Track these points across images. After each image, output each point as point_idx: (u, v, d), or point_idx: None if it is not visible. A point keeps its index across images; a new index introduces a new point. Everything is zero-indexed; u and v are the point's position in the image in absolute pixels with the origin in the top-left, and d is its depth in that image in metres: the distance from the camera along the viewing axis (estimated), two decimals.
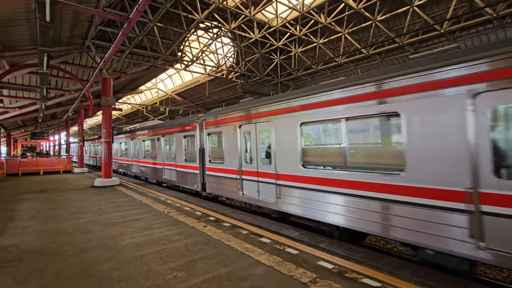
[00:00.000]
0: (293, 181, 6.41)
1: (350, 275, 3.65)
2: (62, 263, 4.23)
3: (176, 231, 5.70)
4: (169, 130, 12.77)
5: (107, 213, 7.52)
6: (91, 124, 53.11)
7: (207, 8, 13.02)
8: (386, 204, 4.64)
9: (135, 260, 4.23)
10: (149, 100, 33.53)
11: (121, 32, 9.25)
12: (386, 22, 14.48)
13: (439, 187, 3.99)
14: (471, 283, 3.77)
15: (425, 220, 4.13)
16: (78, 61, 15.50)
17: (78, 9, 8.04)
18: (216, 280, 3.56)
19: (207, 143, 9.87)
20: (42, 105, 17.92)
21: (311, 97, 5.99)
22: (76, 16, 10.41)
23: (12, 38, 10.59)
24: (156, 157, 14.04)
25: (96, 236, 5.49)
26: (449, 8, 12.00)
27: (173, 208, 8.02)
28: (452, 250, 3.85)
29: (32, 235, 5.71)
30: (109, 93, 13.72)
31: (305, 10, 14.14)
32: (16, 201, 9.69)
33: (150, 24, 11.24)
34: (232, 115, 8.53)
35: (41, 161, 21.43)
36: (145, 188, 12.28)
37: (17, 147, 41.15)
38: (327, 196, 5.65)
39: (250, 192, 7.80)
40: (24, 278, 3.77)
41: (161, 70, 20.60)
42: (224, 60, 19.67)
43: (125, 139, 19.29)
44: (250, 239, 5.13)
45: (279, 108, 6.80)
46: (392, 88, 4.61)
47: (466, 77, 3.77)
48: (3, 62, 12.07)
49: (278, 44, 17.67)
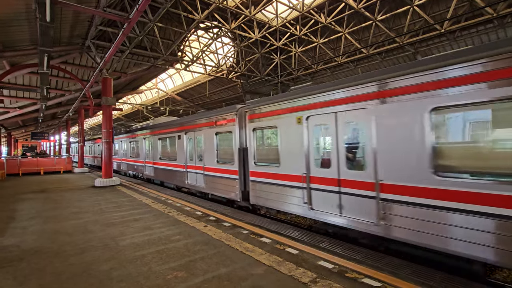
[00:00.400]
0: (418, 196, 4.31)
1: (351, 275, 3.65)
2: (62, 263, 4.23)
3: (176, 231, 5.70)
4: (194, 125, 10.77)
5: (107, 213, 7.52)
6: (92, 124, 53.16)
7: (207, 8, 13.01)
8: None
9: (135, 260, 4.23)
10: (149, 100, 33.55)
11: (121, 32, 9.25)
12: (386, 22, 14.47)
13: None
14: (471, 283, 3.76)
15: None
16: (78, 61, 15.51)
17: (78, 9, 8.05)
18: (216, 280, 3.56)
19: (252, 140, 7.93)
20: (42, 105, 17.94)
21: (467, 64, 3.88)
22: (76, 16, 10.42)
23: (12, 38, 10.60)
24: (177, 159, 12.15)
25: (96, 236, 5.49)
26: (449, 8, 11.98)
27: (174, 208, 8.01)
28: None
29: (32, 235, 5.71)
30: (109, 93, 13.72)
31: (305, 10, 14.13)
32: (16, 201, 9.70)
33: (150, 24, 11.24)
34: (294, 103, 6.53)
35: (41, 161, 21.45)
36: (145, 188, 12.28)
37: (18, 147, 41.18)
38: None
39: (325, 207, 5.82)
40: (24, 278, 3.77)
41: (161, 70, 20.60)
42: (224, 60, 19.67)
43: (136, 138, 17.15)
44: (250, 239, 5.13)
45: (393, 87, 4.64)
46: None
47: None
48: (4, 62, 12.08)
49: (278, 44, 17.66)
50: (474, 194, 3.73)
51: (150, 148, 15.24)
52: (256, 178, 7.74)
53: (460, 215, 3.85)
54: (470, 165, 4.01)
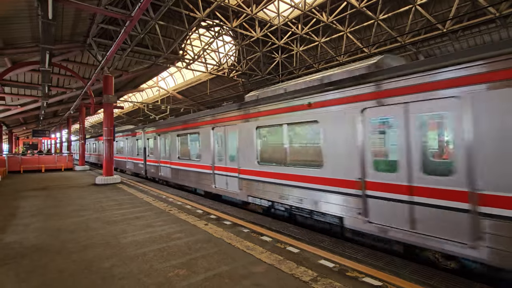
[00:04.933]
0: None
1: (351, 274, 3.66)
2: (64, 260, 4.25)
3: (177, 229, 5.72)
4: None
5: (108, 210, 7.54)
6: (92, 122, 53.24)
7: (209, 6, 13.00)
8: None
9: (137, 258, 4.25)
10: (150, 98, 33.56)
11: (123, 30, 9.24)
12: (388, 21, 14.43)
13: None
14: (471, 283, 3.76)
15: None
16: (79, 59, 15.52)
17: (80, 7, 8.03)
18: (218, 278, 3.57)
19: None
20: (43, 103, 17.98)
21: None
22: (78, 13, 10.41)
23: (14, 35, 10.60)
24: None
25: (97, 234, 5.51)
26: (451, 7, 11.94)
27: (174, 206, 8.03)
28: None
29: (34, 232, 5.74)
30: (110, 91, 13.73)
31: (307, 9, 14.09)
32: (18, 198, 9.73)
33: (151, 22, 11.23)
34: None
35: (42, 158, 21.51)
36: (146, 186, 12.31)
37: (19, 144, 41.30)
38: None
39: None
40: (27, 275, 3.79)
41: (163, 68, 20.59)
42: (226, 58, 19.65)
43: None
44: (251, 238, 5.14)
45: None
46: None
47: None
48: (5, 59, 12.09)
49: (280, 43, 17.63)
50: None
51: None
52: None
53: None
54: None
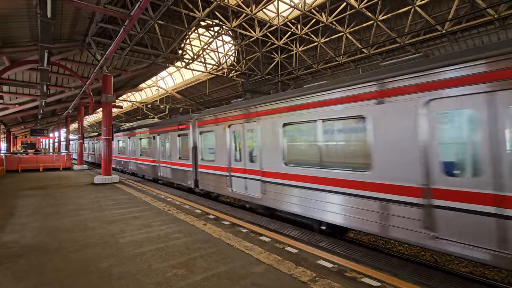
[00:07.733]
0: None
1: (350, 274, 3.65)
2: (62, 259, 4.23)
3: (176, 229, 5.70)
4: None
5: (107, 210, 7.52)
6: (91, 122, 53.09)
7: (209, 6, 12.99)
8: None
9: (135, 257, 4.24)
10: (149, 98, 33.50)
11: (122, 29, 9.22)
12: (387, 22, 14.46)
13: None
14: (471, 283, 3.77)
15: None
16: (78, 58, 15.46)
17: (79, 5, 8.01)
18: (216, 278, 3.56)
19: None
20: (42, 102, 17.90)
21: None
22: (77, 12, 10.38)
23: (12, 34, 10.56)
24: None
25: (96, 233, 5.48)
26: (451, 9, 11.98)
27: (173, 206, 8.02)
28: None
29: (32, 231, 5.71)
30: (109, 90, 13.69)
31: (306, 9, 14.11)
32: (15, 197, 9.68)
33: (151, 22, 11.19)
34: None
35: (40, 158, 21.41)
36: (144, 186, 12.28)
37: (17, 143, 41.11)
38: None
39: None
40: (24, 274, 3.77)
41: (162, 68, 20.55)
42: (225, 58, 19.64)
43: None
44: (249, 238, 5.13)
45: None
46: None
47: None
48: (3, 58, 12.04)
49: (279, 43, 17.64)
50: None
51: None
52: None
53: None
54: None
